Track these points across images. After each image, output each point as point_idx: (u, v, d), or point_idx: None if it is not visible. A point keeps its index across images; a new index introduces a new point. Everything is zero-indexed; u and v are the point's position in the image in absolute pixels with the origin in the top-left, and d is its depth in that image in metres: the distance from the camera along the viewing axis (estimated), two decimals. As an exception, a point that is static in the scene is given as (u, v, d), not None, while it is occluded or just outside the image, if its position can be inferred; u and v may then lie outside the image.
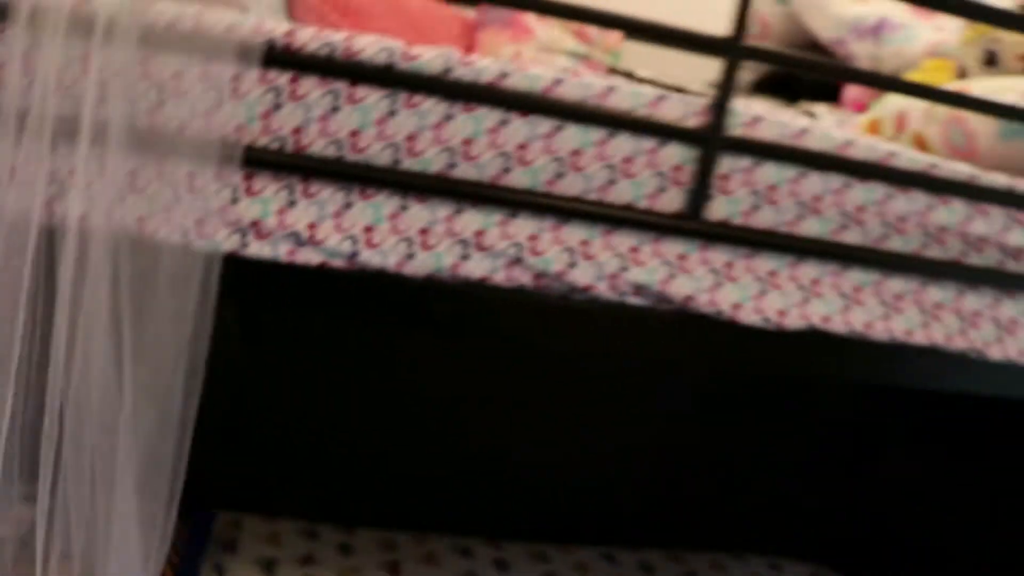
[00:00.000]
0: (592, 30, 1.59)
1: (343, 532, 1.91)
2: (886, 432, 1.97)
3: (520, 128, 0.81)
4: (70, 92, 0.72)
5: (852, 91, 1.42)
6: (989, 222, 0.93)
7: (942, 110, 1.03)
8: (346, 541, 1.89)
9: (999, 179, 0.94)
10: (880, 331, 0.90)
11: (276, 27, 0.78)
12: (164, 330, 0.77)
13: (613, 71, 1.57)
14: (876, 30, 1.35)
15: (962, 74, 1.21)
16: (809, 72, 0.89)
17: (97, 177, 0.73)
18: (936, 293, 0.93)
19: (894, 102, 1.15)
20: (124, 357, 0.79)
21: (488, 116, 0.80)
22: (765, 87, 1.57)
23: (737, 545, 2.14)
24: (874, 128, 1.17)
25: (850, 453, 2.12)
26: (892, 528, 1.90)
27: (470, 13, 1.55)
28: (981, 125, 0.99)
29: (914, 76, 1.25)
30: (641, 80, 1.38)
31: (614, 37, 1.65)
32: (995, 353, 0.95)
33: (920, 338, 0.92)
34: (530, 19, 1.52)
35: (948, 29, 1.32)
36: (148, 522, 0.86)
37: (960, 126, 1.01)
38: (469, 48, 1.47)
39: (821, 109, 1.37)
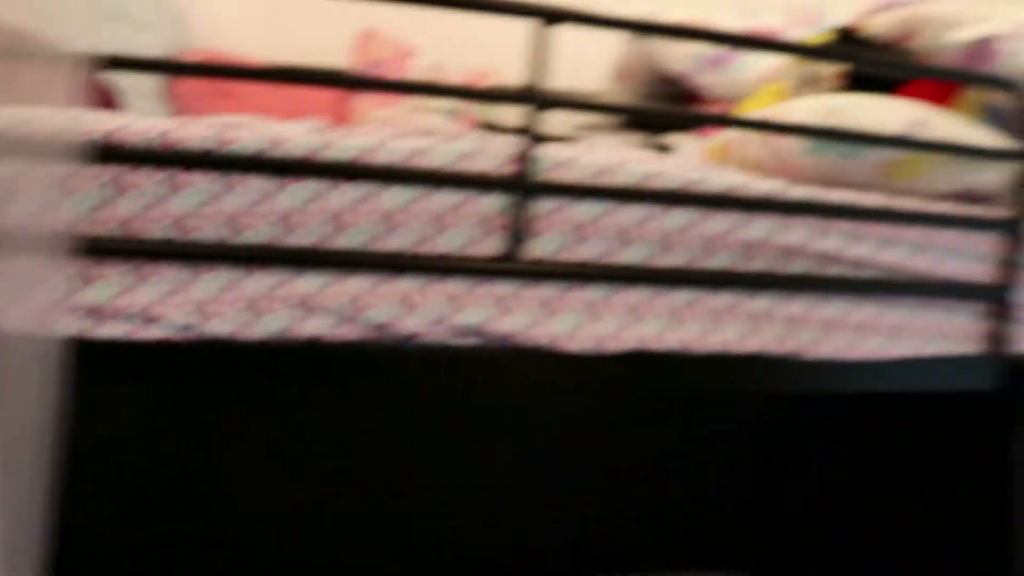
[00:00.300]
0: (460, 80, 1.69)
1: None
2: (793, 438, 2.06)
3: (339, 195, 0.88)
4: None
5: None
6: (799, 233, 1.02)
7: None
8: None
9: (803, 192, 1.03)
10: (702, 345, 0.99)
11: (100, 124, 0.85)
12: (16, 415, 0.83)
13: (485, 124, 1.66)
14: (716, 62, 1.46)
15: (793, 95, 1.31)
16: (610, 111, 0.97)
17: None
18: (758, 303, 1.01)
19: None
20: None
21: (306, 187, 0.88)
22: (635, 123, 1.67)
23: (666, 563, 2.20)
24: (716, 153, 1.26)
25: (759, 462, 2.20)
26: (807, 532, 1.97)
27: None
28: (790, 144, 1.09)
29: (751, 101, 1.36)
30: (506, 130, 1.47)
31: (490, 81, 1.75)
32: (818, 352, 1.04)
33: (744, 346, 1.01)
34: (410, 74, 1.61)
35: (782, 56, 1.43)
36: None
37: (774, 146, 1.11)
38: (343, 116, 1.56)
39: (679, 139, 1.47)
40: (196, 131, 0.87)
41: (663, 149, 1.42)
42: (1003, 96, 1.13)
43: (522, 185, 0.91)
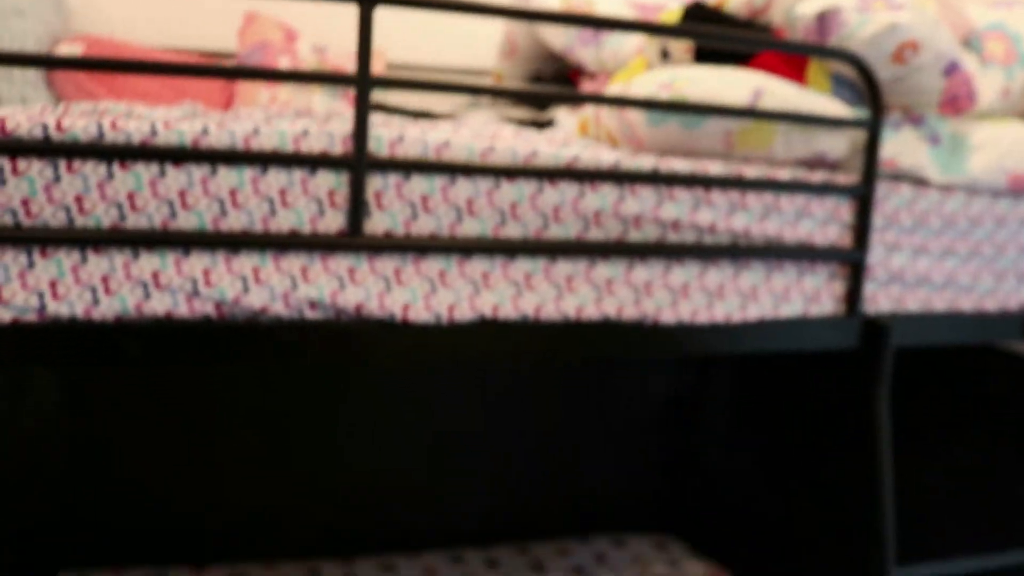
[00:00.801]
0: (346, 65, 1.72)
1: (195, 570, 2.01)
2: (709, 399, 2.15)
3: (177, 177, 0.92)
4: None
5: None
6: (641, 201, 1.07)
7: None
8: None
9: (645, 161, 1.08)
10: (551, 312, 1.04)
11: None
12: None
13: (378, 106, 1.70)
14: (595, 36, 1.51)
15: (651, 68, 1.36)
16: (442, 90, 1.01)
17: None
18: (604, 271, 1.07)
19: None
20: None
21: (146, 171, 0.92)
22: (523, 99, 1.71)
23: (582, 528, 2.29)
24: (583, 127, 1.31)
25: (679, 423, 2.29)
26: (726, 491, 2.06)
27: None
28: (635, 116, 1.14)
29: (621, 74, 1.41)
30: (389, 109, 1.51)
31: (376, 67, 1.78)
32: (668, 317, 1.10)
33: (592, 313, 1.06)
34: (282, 63, 1.64)
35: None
36: None
37: (623, 118, 1.16)
38: (229, 98, 1.59)
39: (562, 114, 1.52)
40: (25, 121, 0.90)
41: (545, 124, 1.46)
42: (846, 67, 1.20)
43: (357, 162, 0.95)
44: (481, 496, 2.22)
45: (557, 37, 1.54)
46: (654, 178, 1.06)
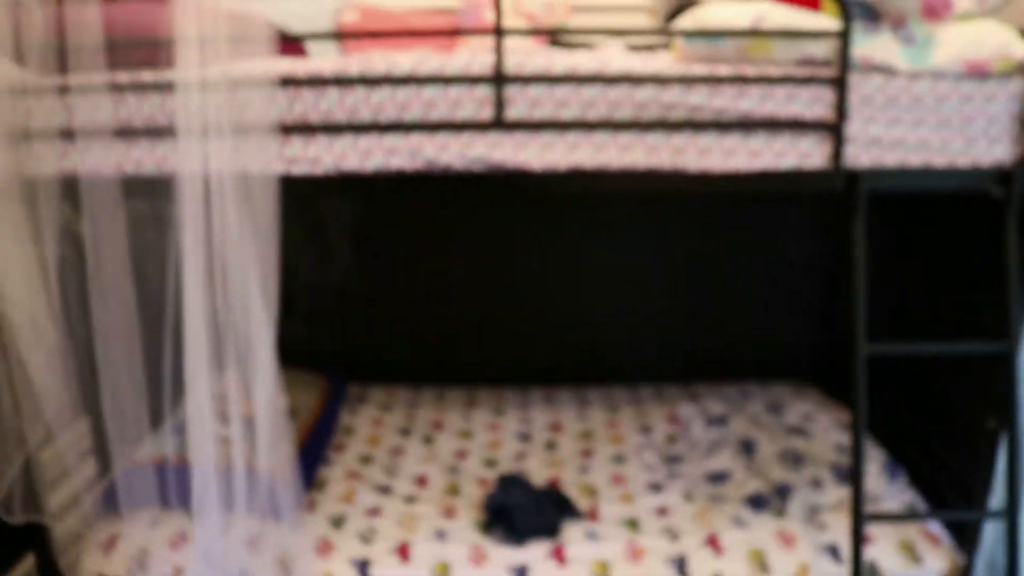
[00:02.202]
0: (537, 11, 2.55)
1: (439, 389, 2.99)
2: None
3: (403, 92, 1.81)
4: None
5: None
6: (672, 93, 1.82)
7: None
8: (440, 394, 2.96)
9: (675, 67, 1.82)
10: (616, 163, 1.83)
11: (282, 66, 1.83)
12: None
13: (554, 41, 2.52)
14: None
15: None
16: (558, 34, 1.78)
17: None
18: (651, 139, 1.83)
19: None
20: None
21: (388, 91, 1.82)
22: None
23: (734, 371, 3.03)
24: (671, 48, 2.05)
25: (823, 283, 2.95)
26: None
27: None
28: (680, 39, 1.87)
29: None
30: (568, 45, 2.33)
31: (559, 12, 2.60)
32: (694, 166, 1.84)
33: (643, 164, 1.83)
34: (487, 15, 2.50)
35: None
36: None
37: (677, 40, 1.90)
38: (453, 43, 2.48)
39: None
40: (337, 65, 1.83)
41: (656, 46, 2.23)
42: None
43: (497, 80, 1.79)
44: (655, 340, 3.04)
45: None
46: (681, 79, 1.80)
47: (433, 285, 3.08)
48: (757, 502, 2.31)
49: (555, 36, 2.51)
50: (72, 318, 2.03)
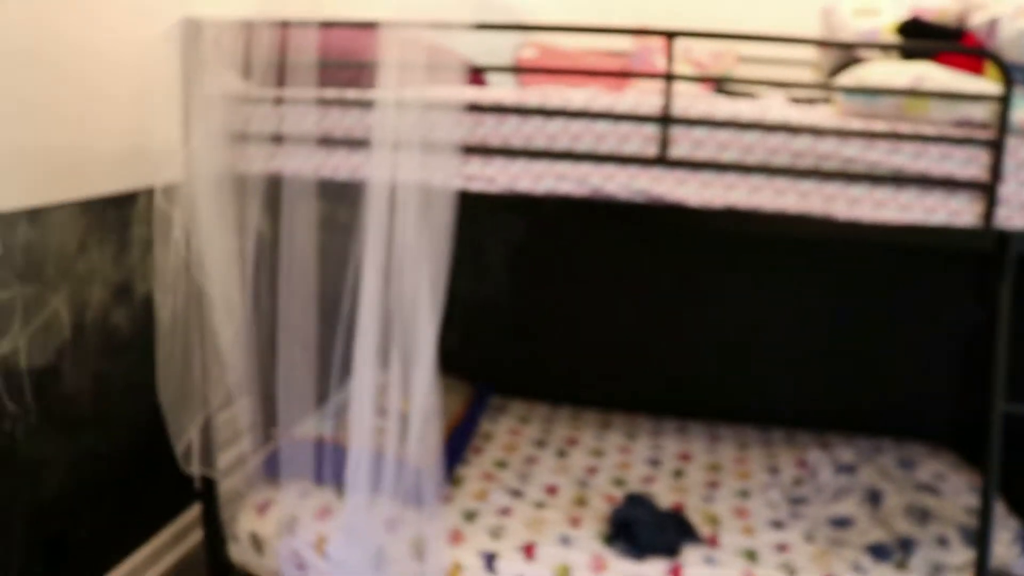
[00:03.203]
0: (705, 59, 2.74)
1: (575, 410, 3.19)
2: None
3: (576, 125, 2.03)
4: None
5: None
6: (828, 144, 1.96)
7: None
8: (576, 414, 3.15)
9: (831, 120, 1.96)
10: (771, 205, 1.98)
11: (466, 94, 2.08)
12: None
13: (720, 89, 2.70)
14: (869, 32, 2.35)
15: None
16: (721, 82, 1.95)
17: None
18: (804, 186, 1.98)
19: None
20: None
21: (561, 123, 2.04)
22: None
23: (867, 426, 3.09)
24: (832, 101, 2.20)
25: (968, 350, 2.99)
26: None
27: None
28: (840, 95, 2.01)
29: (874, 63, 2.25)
30: (732, 93, 2.51)
31: (726, 61, 2.79)
32: (844, 215, 1.97)
33: (795, 208, 1.98)
34: (657, 59, 2.71)
35: None
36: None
37: (836, 96, 2.04)
38: (623, 84, 2.69)
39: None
40: (515, 96, 2.06)
41: (816, 100, 2.37)
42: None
43: (664, 120, 1.98)
44: (790, 385, 3.15)
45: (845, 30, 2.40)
46: (838, 132, 1.95)
47: (580, 309, 3.29)
48: (879, 551, 2.38)
49: (721, 84, 2.69)
50: (260, 302, 2.33)
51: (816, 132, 1.94)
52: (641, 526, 2.34)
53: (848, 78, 2.02)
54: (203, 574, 2.56)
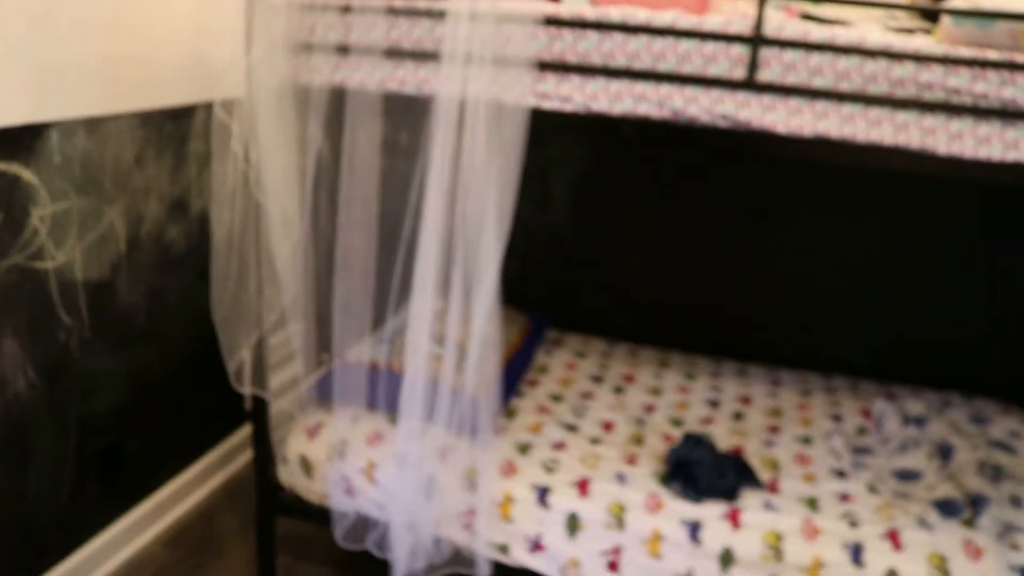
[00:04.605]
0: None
1: (633, 347, 3.10)
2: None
3: (654, 41, 1.90)
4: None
5: None
6: (932, 73, 1.81)
7: None
8: (635, 351, 3.06)
9: (937, 47, 1.81)
10: (862, 137, 1.84)
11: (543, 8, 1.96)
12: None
13: (806, 15, 2.53)
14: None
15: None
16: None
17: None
18: (902, 116, 1.84)
19: None
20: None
21: (641, 39, 1.91)
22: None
23: (941, 381, 2.97)
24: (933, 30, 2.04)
25: None
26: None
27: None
28: (947, 19, 1.86)
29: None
30: (820, 20, 2.35)
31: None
32: (944, 151, 1.83)
33: (889, 141, 1.84)
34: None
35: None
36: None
37: (944, 20, 1.89)
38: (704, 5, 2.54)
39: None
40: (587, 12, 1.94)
41: (914, 30, 2.20)
42: None
43: (755, 40, 1.85)
44: (855, 333, 3.03)
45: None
46: (944, 59, 1.80)
47: (644, 244, 3.18)
48: (946, 507, 2.28)
49: (807, 11, 2.52)
50: (319, 222, 2.26)
51: (920, 59, 1.79)
52: (700, 468, 2.26)
53: (958, 0, 1.86)
54: (251, 494, 2.53)
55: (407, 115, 2.09)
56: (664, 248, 3.17)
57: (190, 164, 2.76)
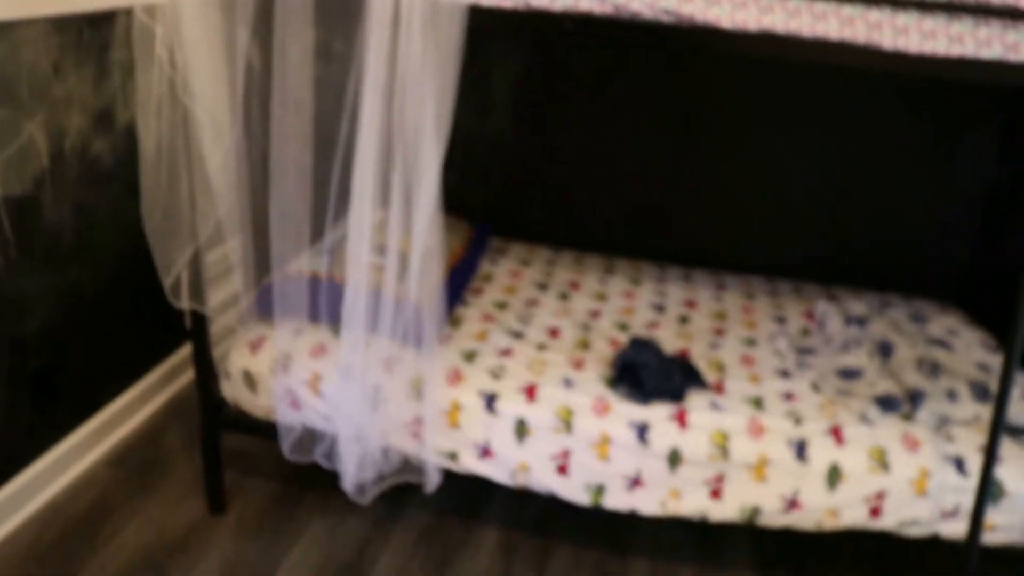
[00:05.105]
0: None
1: (578, 254, 3.08)
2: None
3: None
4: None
5: None
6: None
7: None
8: (579, 258, 3.05)
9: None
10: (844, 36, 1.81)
11: None
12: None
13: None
14: None
15: None
16: None
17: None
18: (900, 20, 1.80)
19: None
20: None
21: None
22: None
23: (879, 282, 3.01)
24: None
25: (991, 211, 2.87)
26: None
27: None
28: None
29: None
30: None
31: None
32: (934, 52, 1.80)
33: (889, 46, 1.80)
34: None
35: None
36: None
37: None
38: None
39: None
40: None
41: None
42: None
43: None
44: (799, 237, 3.04)
45: None
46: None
47: (586, 151, 3.13)
48: (886, 403, 2.33)
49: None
50: (252, 127, 2.17)
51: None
52: (647, 370, 2.27)
53: None
54: (195, 413, 2.49)
55: (341, 19, 2.00)
56: (608, 154, 3.13)
57: (113, 74, 2.63)
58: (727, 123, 3.02)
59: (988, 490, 2.01)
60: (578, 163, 3.16)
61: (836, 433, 2.22)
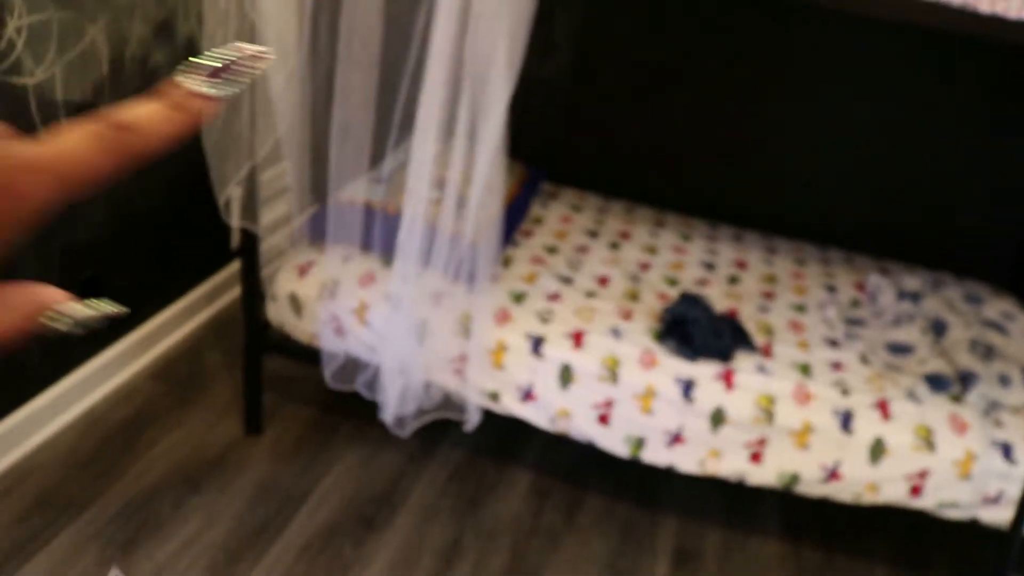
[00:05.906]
0: None
1: (629, 204, 3.03)
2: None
3: None
4: None
5: None
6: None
7: None
8: (631, 208, 3.00)
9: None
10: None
11: None
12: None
13: None
14: None
15: None
16: None
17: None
18: None
19: None
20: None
21: None
22: None
23: (933, 261, 2.94)
24: None
25: None
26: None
27: None
28: None
29: None
30: None
31: None
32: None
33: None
34: None
35: None
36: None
37: None
38: None
39: None
40: None
41: None
42: None
43: None
44: (852, 207, 2.97)
45: None
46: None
47: (644, 101, 3.06)
48: (936, 382, 2.29)
49: None
50: (317, 50, 2.13)
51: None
52: (696, 326, 2.23)
53: None
54: (239, 332, 2.49)
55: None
56: (666, 105, 3.06)
57: (178, -17, 2.60)
58: (793, 78, 2.94)
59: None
60: (633, 114, 3.09)
61: (883, 407, 2.18)
